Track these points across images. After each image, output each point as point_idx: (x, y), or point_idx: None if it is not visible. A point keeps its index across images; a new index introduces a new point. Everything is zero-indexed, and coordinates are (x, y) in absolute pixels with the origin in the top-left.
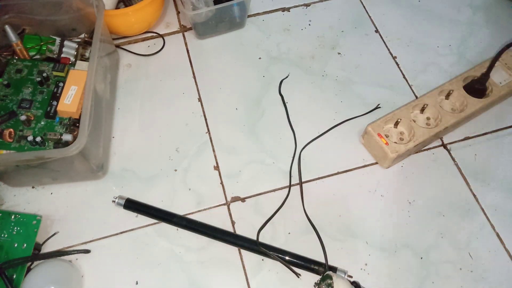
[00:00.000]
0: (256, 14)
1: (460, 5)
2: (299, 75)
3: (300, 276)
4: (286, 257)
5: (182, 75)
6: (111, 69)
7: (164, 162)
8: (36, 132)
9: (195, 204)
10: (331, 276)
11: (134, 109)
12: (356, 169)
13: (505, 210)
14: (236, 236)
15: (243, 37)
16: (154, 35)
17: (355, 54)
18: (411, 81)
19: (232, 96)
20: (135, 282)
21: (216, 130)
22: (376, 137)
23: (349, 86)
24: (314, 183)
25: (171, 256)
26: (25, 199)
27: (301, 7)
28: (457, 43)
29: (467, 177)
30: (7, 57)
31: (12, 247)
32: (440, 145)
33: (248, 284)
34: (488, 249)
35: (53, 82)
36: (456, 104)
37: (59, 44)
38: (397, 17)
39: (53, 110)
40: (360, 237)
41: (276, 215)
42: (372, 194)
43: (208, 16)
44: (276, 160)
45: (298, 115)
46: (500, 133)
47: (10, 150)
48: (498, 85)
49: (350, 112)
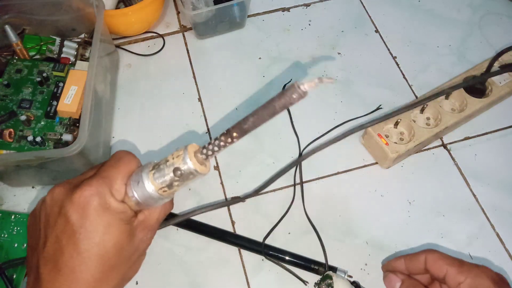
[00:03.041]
0: (256, 14)
1: (460, 5)
2: (299, 75)
3: (307, 283)
4: (286, 257)
5: (182, 75)
6: (111, 69)
7: None
8: (36, 132)
9: (195, 204)
10: (331, 276)
11: (134, 109)
12: (356, 169)
13: (505, 210)
14: (237, 236)
15: (243, 37)
16: (154, 35)
17: (355, 54)
18: (411, 81)
19: (232, 96)
20: (135, 282)
21: (216, 130)
22: (376, 137)
23: (349, 86)
24: (314, 183)
25: (171, 256)
26: (25, 199)
27: (301, 7)
28: (457, 43)
29: (467, 177)
30: (7, 57)
31: (12, 247)
32: (440, 145)
33: (248, 284)
34: (488, 249)
35: (53, 82)
36: (456, 104)
37: (59, 44)
38: (397, 17)
39: (53, 110)
40: (360, 237)
41: (276, 215)
42: (372, 194)
43: (208, 16)
44: (276, 160)
45: (298, 115)
46: (500, 133)
47: (10, 150)
48: (498, 85)
49: (350, 112)
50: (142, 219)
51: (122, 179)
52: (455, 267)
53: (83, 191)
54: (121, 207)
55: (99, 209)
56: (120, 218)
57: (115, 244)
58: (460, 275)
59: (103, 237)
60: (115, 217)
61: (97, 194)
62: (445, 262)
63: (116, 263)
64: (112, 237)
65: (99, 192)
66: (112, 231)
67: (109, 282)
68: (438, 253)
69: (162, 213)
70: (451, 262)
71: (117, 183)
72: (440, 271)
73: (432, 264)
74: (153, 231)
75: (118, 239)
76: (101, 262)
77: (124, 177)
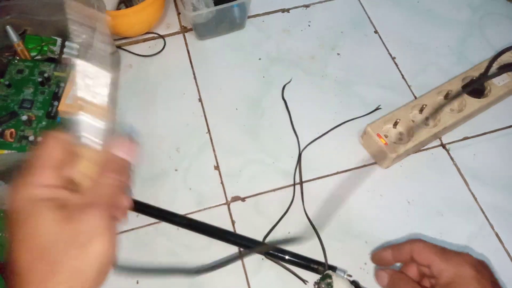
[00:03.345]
0: (256, 15)
1: (459, 5)
2: (298, 76)
3: (307, 282)
4: (286, 257)
5: (182, 75)
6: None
7: (164, 162)
8: (37, 132)
9: (196, 203)
10: (330, 276)
11: (135, 109)
12: (355, 169)
13: (505, 210)
14: (237, 236)
15: (243, 38)
16: (154, 36)
17: (354, 54)
18: (410, 81)
19: (232, 97)
20: (135, 281)
21: (216, 130)
22: (375, 137)
23: (349, 87)
24: (314, 183)
25: (172, 255)
26: None
27: (301, 8)
28: (456, 44)
29: (466, 177)
30: (9, 57)
31: None
32: (439, 145)
33: (248, 284)
34: (487, 249)
35: (54, 82)
36: (454, 104)
37: (60, 45)
38: (396, 18)
39: (54, 110)
40: (360, 236)
41: (276, 214)
42: (371, 194)
43: (208, 17)
44: (276, 160)
45: (297, 115)
46: (499, 133)
47: (11, 150)
48: (496, 85)
49: (349, 112)
50: (80, 201)
51: (43, 168)
52: (438, 255)
53: (11, 191)
54: (47, 194)
55: (23, 203)
56: (46, 206)
57: (45, 233)
58: (443, 263)
59: (34, 227)
60: (41, 206)
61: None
62: (429, 251)
63: (53, 252)
64: (42, 225)
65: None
66: (40, 220)
67: (56, 275)
68: (422, 243)
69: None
70: (435, 251)
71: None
72: (425, 260)
73: (417, 254)
74: (102, 206)
75: (46, 226)
76: (33, 251)
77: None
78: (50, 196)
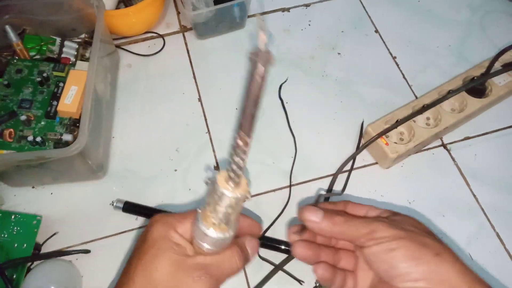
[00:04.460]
0: (256, 14)
1: (459, 5)
2: (298, 76)
3: (303, 283)
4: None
5: (182, 75)
6: (112, 69)
7: (164, 162)
8: (36, 132)
9: (195, 204)
10: None
11: (134, 109)
12: (356, 169)
13: (505, 210)
14: None
15: (243, 38)
16: (154, 35)
17: (355, 54)
18: (410, 81)
19: (232, 96)
20: None
21: (216, 130)
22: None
23: (349, 87)
24: (314, 183)
25: None
26: (25, 199)
27: (301, 8)
28: (456, 44)
29: (467, 177)
30: (8, 57)
31: (12, 247)
32: (440, 145)
33: (248, 284)
34: (488, 249)
35: (53, 82)
36: (455, 104)
37: (59, 44)
38: (397, 18)
39: (53, 110)
40: None
41: (275, 215)
42: (372, 194)
43: (208, 16)
44: (276, 160)
45: (298, 115)
46: (500, 133)
47: (10, 150)
48: (497, 85)
49: (350, 112)
50: (200, 261)
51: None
52: (374, 208)
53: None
54: (180, 240)
55: (157, 237)
56: (171, 248)
57: (158, 268)
58: (381, 210)
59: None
60: (167, 245)
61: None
62: (364, 206)
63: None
64: (159, 261)
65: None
66: (160, 256)
67: None
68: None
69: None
70: (370, 206)
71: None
72: (360, 211)
73: (352, 208)
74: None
75: (163, 264)
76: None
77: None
78: (179, 243)
